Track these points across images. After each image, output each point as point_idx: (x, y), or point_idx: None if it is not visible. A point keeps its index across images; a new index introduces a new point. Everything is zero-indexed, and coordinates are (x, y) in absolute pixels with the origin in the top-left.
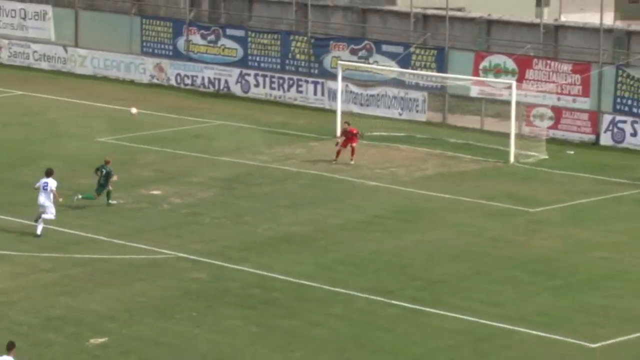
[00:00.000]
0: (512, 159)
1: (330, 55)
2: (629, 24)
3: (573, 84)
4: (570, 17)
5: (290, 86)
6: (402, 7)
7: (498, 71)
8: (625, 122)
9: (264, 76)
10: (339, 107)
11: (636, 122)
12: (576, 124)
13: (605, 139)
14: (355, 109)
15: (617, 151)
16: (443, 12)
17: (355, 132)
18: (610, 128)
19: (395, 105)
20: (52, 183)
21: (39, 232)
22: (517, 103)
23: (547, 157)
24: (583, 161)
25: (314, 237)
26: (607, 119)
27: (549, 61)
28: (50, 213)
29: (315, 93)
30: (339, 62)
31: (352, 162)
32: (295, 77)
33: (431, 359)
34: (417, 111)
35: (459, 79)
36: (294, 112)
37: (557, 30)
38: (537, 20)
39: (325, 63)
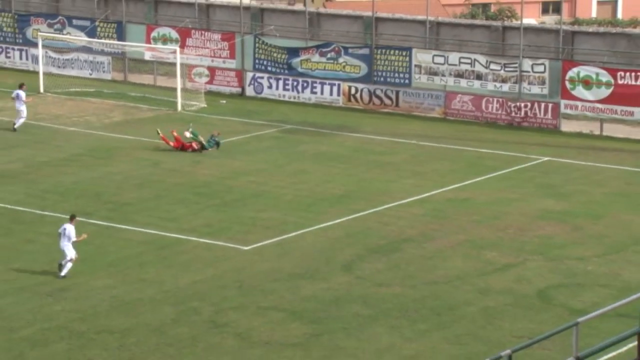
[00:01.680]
0: (179, 107)
1: (32, 28)
2: (261, 2)
3: (222, 49)
4: None
5: (0, 52)
6: None
7: (165, 40)
8: (262, 77)
9: None
10: (41, 68)
11: (271, 77)
12: (226, 80)
13: (249, 91)
14: (54, 70)
15: (258, 100)
16: None
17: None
18: (252, 82)
19: (86, 67)
20: (70, 229)
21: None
22: (181, 64)
23: (205, 105)
24: (233, 108)
25: (25, 172)
26: (249, 75)
27: (203, 32)
28: (67, 259)
29: (21, 58)
30: (39, 33)
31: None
32: (4, 46)
33: (123, 264)
34: (103, 71)
35: (135, 46)
36: (4, 74)
37: (208, 7)
38: (193, 0)
39: (27, 34)
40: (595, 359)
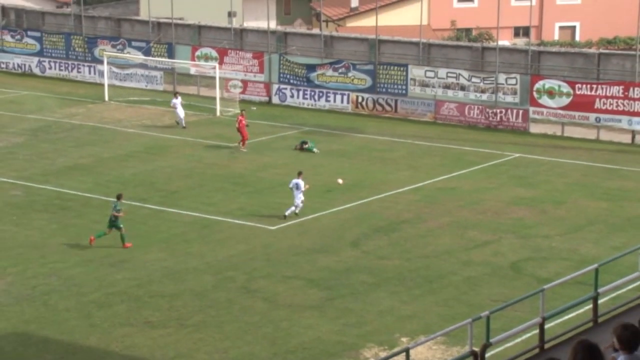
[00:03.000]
0: (218, 113)
1: (99, 48)
2: (285, 27)
3: (253, 65)
4: (249, 23)
5: (73, 68)
6: (143, 16)
7: (207, 58)
8: (286, 88)
9: (55, 62)
10: (106, 81)
11: (293, 88)
12: (256, 90)
13: (275, 100)
14: (117, 82)
15: (282, 107)
16: (170, 20)
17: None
18: (277, 93)
19: (142, 80)
20: (300, 182)
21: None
22: (220, 78)
23: (239, 111)
24: (261, 113)
25: (93, 166)
26: (275, 87)
27: (238, 51)
28: (297, 203)
29: (89, 73)
30: (105, 52)
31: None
32: (76, 63)
33: (172, 240)
34: (156, 84)
35: (182, 63)
36: (76, 85)
37: (242, 31)
38: (229, 26)
39: (95, 53)
40: (558, 319)
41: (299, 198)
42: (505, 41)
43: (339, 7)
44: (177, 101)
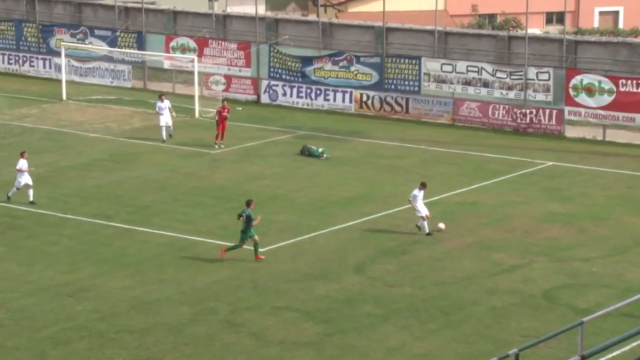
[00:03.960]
0: (197, 114)
1: (55, 38)
2: (275, 13)
3: (239, 58)
4: (234, 9)
5: (24, 61)
6: (108, 1)
7: (183, 49)
8: (277, 85)
9: (3, 54)
10: (64, 77)
11: (285, 85)
12: (242, 87)
13: (264, 98)
14: (76, 78)
15: (273, 107)
16: (139, 5)
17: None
18: (267, 90)
19: (107, 76)
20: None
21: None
22: (199, 73)
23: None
24: (249, 115)
25: (49, 177)
26: (264, 83)
27: (220, 41)
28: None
29: (44, 67)
30: (62, 43)
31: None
32: (28, 55)
33: (142, 265)
34: (124, 80)
35: (154, 55)
36: (29, 82)
37: (225, 18)
38: (210, 11)
39: (51, 44)
40: (600, 357)
41: (424, 210)
42: (535, 29)
43: None
44: (164, 105)
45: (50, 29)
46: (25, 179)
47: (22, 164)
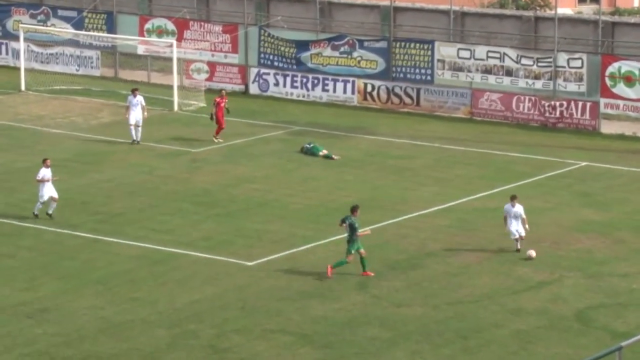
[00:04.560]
0: (176, 107)
1: (12, 19)
2: None
3: (224, 42)
4: None
5: None
6: None
7: (160, 32)
8: (268, 74)
9: None
10: (22, 64)
11: (277, 74)
12: (228, 76)
13: (254, 89)
14: (37, 66)
15: (263, 98)
16: None
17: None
18: (257, 79)
19: (72, 63)
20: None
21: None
22: (178, 59)
23: (205, 105)
24: (236, 108)
25: (3, 180)
26: (253, 71)
27: (202, 23)
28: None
29: (0, 52)
30: (20, 25)
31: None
32: None
33: (113, 281)
34: (92, 67)
35: (126, 39)
36: None
37: None
38: None
39: (8, 26)
40: None
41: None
42: (567, 9)
43: None
44: (136, 101)
45: (6, 8)
46: (49, 191)
47: (45, 173)
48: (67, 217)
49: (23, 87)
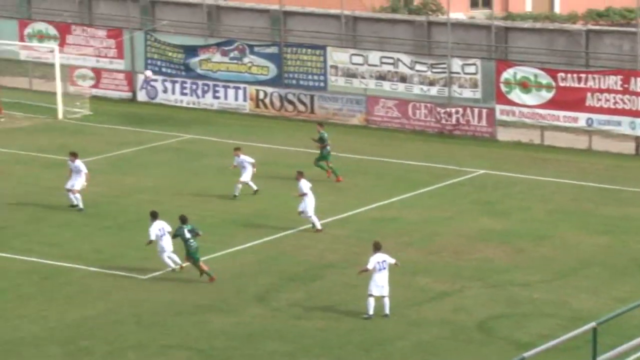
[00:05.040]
0: (60, 115)
1: None
2: None
3: (109, 48)
4: None
5: None
6: None
7: (41, 37)
8: (156, 80)
9: None
10: None
11: (166, 80)
12: (114, 83)
13: (141, 96)
14: None
15: (152, 106)
16: None
17: None
18: (144, 86)
19: None
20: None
21: None
22: (61, 65)
23: (91, 113)
24: (123, 115)
25: None
26: (140, 78)
27: (86, 27)
28: None
29: None
30: None
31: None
32: None
33: (5, 296)
34: None
35: (5, 44)
36: None
37: (90, 0)
38: None
39: None
40: None
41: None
42: (459, 13)
43: None
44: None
45: None
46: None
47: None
48: None
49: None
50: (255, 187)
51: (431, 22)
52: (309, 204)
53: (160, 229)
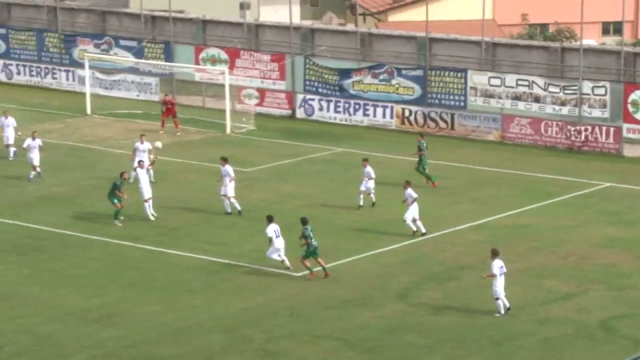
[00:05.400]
0: (228, 130)
1: (78, 48)
2: (311, 22)
3: (272, 70)
4: (267, 17)
5: (46, 73)
6: (134, 9)
7: (214, 61)
8: (313, 99)
9: (25, 65)
10: (88, 90)
11: (322, 99)
12: (276, 102)
13: (300, 113)
14: (101, 92)
15: (309, 122)
16: (167, 14)
17: (173, 102)
18: (303, 105)
19: (133, 89)
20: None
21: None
22: (230, 86)
23: (255, 128)
24: (283, 130)
25: (72, 196)
26: (299, 97)
27: (252, 52)
28: None
29: (67, 79)
30: (86, 54)
31: (179, 133)
32: (50, 67)
33: (172, 289)
34: (151, 93)
35: (183, 67)
36: (51, 95)
37: (258, 28)
38: (242, 20)
39: (74, 55)
40: None
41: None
42: (591, 40)
43: None
44: (8, 122)
45: (73, 39)
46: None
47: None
48: (131, 231)
49: (89, 111)
50: (373, 200)
51: (564, 48)
52: (409, 211)
53: (275, 230)
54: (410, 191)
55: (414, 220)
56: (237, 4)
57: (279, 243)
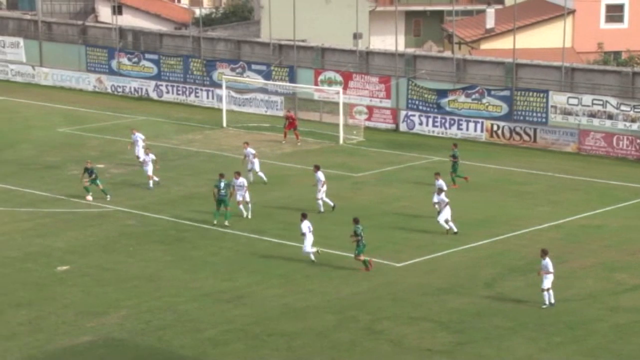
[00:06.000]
0: (341, 141)
1: (217, 71)
2: (414, 50)
3: (380, 90)
4: (376, 45)
5: (190, 92)
6: (264, 38)
7: (330, 82)
8: (414, 115)
9: (173, 86)
10: (224, 106)
11: (422, 115)
12: (383, 117)
13: (403, 127)
14: (235, 108)
15: (410, 135)
16: (292, 42)
17: (294, 117)
18: (405, 120)
19: (262, 105)
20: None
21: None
22: (343, 103)
23: (364, 139)
24: (388, 142)
25: (209, 195)
26: (402, 113)
27: (363, 75)
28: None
29: (207, 97)
30: (223, 76)
31: (299, 143)
32: (194, 87)
33: (292, 276)
34: (277, 109)
35: (304, 87)
36: (194, 110)
37: (368, 54)
38: (355, 48)
39: (213, 77)
40: None
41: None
42: None
43: (473, 28)
44: (136, 137)
45: (213, 63)
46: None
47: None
48: (257, 225)
49: (224, 124)
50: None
51: (635, 72)
52: (442, 213)
53: (308, 226)
54: (443, 196)
55: (446, 221)
56: (351, 34)
57: (309, 239)
